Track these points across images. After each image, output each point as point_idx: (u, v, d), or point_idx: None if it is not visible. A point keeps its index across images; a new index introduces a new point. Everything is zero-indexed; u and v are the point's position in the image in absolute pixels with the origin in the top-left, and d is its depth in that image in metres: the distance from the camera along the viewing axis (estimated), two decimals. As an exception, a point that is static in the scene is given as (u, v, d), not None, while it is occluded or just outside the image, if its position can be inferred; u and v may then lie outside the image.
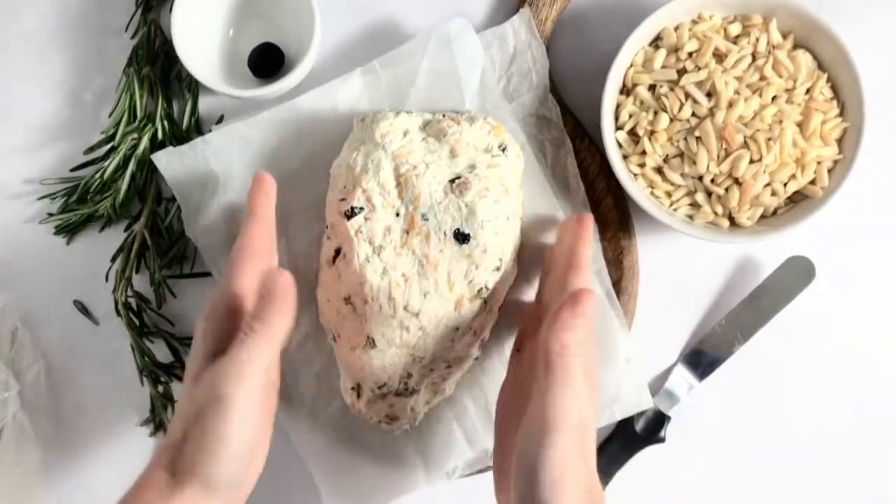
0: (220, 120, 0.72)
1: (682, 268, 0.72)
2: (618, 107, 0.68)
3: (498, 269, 0.64)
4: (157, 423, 0.71)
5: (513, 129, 0.68)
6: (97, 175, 0.71)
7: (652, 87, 0.68)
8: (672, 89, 0.67)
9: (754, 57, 0.67)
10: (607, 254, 0.70)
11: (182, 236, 0.71)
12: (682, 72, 0.67)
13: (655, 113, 0.67)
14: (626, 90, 0.68)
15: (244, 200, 0.67)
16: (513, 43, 0.70)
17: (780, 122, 0.65)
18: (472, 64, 0.68)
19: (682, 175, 0.67)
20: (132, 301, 0.71)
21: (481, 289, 0.64)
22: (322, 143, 0.68)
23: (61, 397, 0.72)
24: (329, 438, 0.69)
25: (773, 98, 0.66)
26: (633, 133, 0.68)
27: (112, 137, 0.71)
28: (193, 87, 0.72)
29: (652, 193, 0.68)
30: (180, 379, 0.71)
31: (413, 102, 0.68)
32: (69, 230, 0.72)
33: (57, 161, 0.73)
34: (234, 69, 0.72)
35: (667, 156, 0.67)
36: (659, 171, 0.67)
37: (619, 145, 0.68)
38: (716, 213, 0.67)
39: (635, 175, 0.68)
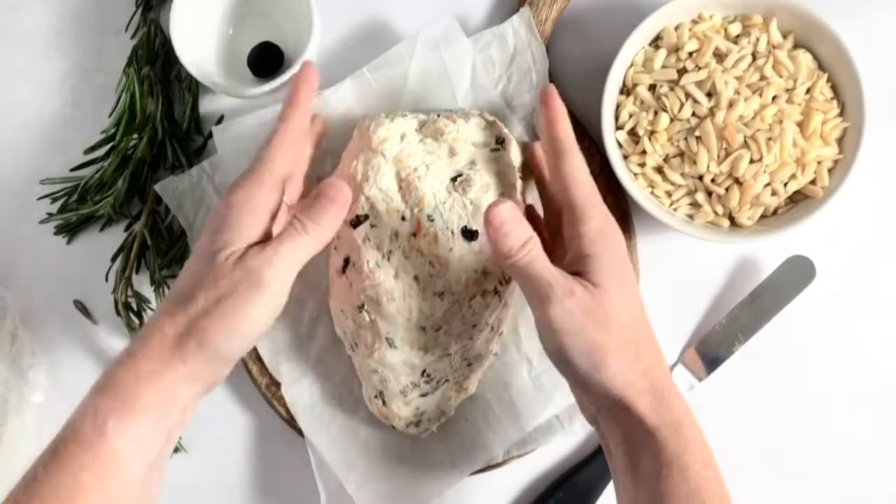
0: (220, 120, 0.72)
1: (682, 268, 0.72)
2: (618, 107, 0.68)
3: None
4: (157, 423, 0.71)
5: (507, 122, 0.68)
6: (97, 175, 0.71)
7: (652, 87, 0.67)
8: (672, 89, 0.67)
9: (754, 57, 0.67)
10: (608, 253, 0.70)
11: (182, 236, 0.71)
12: (682, 71, 0.67)
13: (656, 113, 0.67)
14: (626, 90, 0.68)
15: None
16: (513, 43, 0.70)
17: (781, 121, 0.65)
18: (460, 62, 0.69)
19: (683, 175, 0.67)
20: (132, 301, 0.71)
21: (497, 283, 0.64)
22: (319, 154, 0.69)
23: (61, 397, 0.72)
24: (357, 448, 0.69)
25: (774, 98, 0.66)
26: (633, 133, 0.68)
27: (112, 137, 0.71)
28: (193, 86, 0.72)
29: (652, 193, 0.68)
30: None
31: (405, 105, 0.69)
32: (69, 230, 0.72)
33: (57, 161, 0.73)
34: (234, 69, 0.72)
35: (667, 156, 0.67)
36: (659, 170, 0.67)
37: (620, 145, 0.68)
38: (716, 213, 0.67)
39: (635, 175, 0.68)
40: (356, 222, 0.63)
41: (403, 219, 0.63)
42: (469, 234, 0.63)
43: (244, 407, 0.72)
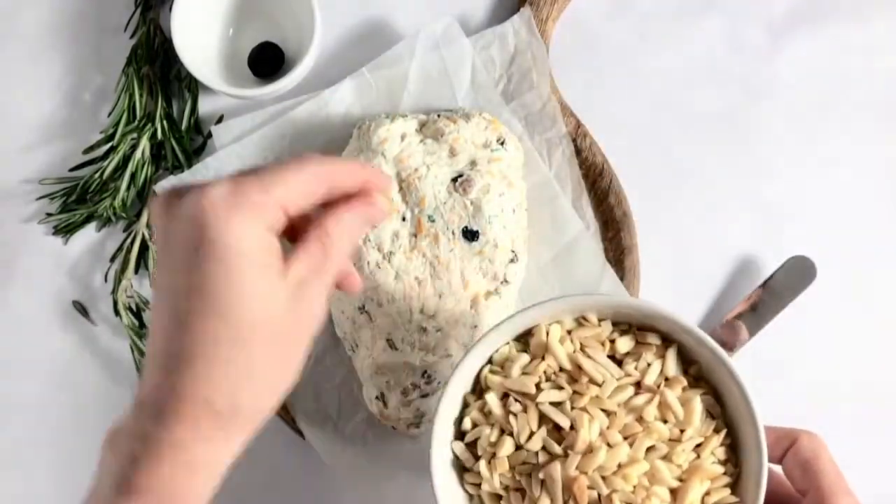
0: (220, 120, 0.72)
1: (682, 268, 0.72)
2: (465, 406, 0.55)
3: (513, 261, 0.64)
4: (156, 423, 0.71)
5: (508, 122, 0.68)
6: (96, 175, 0.71)
7: (506, 397, 0.54)
8: (526, 409, 0.52)
9: (637, 388, 0.52)
10: (609, 254, 0.69)
11: (182, 236, 0.71)
12: (541, 387, 0.53)
13: (502, 432, 0.53)
14: (478, 389, 0.55)
15: None
16: (513, 42, 0.70)
17: (649, 486, 0.50)
18: (460, 62, 0.69)
19: None
20: (131, 301, 0.71)
21: (498, 284, 0.64)
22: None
23: (60, 398, 0.72)
24: (356, 451, 0.69)
25: (649, 449, 0.51)
26: (473, 447, 0.55)
27: (111, 137, 0.71)
28: (193, 86, 0.72)
29: None
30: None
31: (406, 105, 0.69)
32: (68, 230, 0.72)
33: (56, 161, 0.73)
34: (234, 69, 0.72)
35: (507, 487, 0.53)
36: (497, 498, 0.54)
37: (456, 457, 0.55)
38: None
39: (471, 496, 0.55)
40: None
41: (404, 219, 0.63)
42: (470, 235, 0.63)
43: (244, 407, 0.72)
